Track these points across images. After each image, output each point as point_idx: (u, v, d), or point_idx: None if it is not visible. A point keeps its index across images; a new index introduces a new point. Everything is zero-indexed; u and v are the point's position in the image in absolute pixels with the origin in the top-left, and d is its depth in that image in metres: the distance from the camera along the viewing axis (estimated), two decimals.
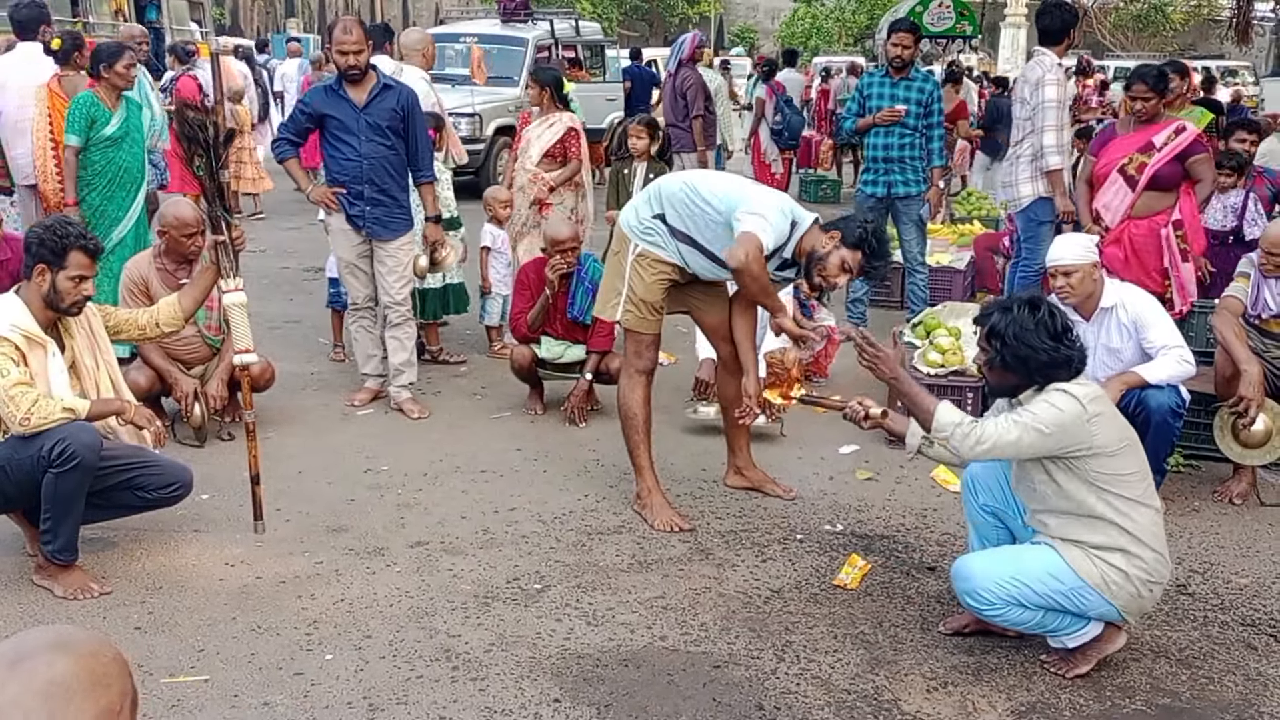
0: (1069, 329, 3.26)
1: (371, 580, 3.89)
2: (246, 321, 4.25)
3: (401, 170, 5.63)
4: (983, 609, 3.28)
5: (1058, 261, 4.39)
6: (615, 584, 3.89)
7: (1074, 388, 3.19)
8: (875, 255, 4.19)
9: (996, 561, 3.31)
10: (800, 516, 4.50)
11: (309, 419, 5.63)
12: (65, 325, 3.92)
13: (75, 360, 3.92)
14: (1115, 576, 3.18)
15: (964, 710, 3.14)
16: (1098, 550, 3.19)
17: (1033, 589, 3.21)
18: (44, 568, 3.78)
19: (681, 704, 3.15)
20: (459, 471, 4.96)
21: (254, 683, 3.23)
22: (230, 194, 4.20)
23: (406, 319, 5.75)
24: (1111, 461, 3.17)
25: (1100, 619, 3.27)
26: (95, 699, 1.32)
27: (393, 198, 5.59)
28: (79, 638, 1.38)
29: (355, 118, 5.47)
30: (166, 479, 3.91)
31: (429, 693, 3.19)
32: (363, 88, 5.48)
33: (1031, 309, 3.23)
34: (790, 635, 3.55)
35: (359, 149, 5.49)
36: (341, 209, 5.55)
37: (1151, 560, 3.21)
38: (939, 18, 15.88)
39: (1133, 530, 3.18)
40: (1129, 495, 3.19)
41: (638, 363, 4.48)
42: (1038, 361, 3.20)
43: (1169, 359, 4.32)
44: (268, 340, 6.49)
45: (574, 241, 5.65)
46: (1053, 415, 3.14)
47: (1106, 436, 3.17)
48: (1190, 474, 5.01)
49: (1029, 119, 6.36)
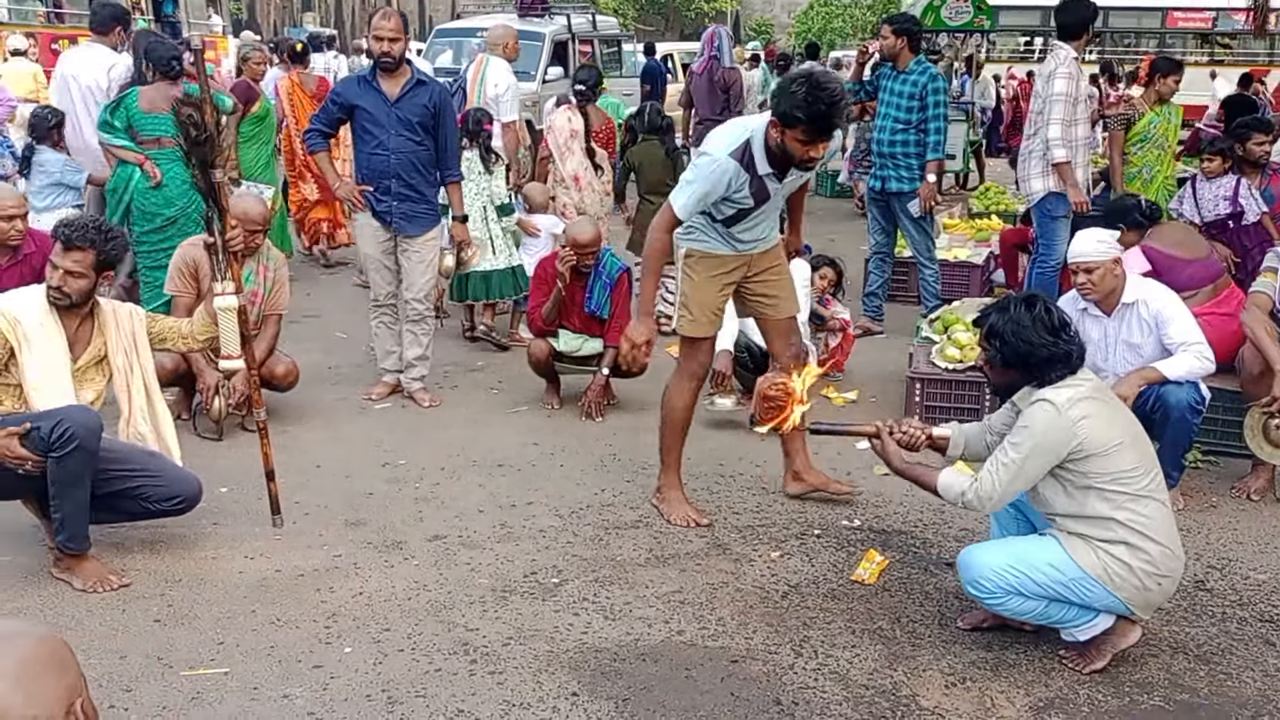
0: (1066, 324, 3.28)
1: (390, 574, 3.91)
2: (235, 326, 4.15)
3: (429, 167, 5.60)
4: (984, 598, 3.30)
5: (1079, 258, 4.38)
6: (633, 578, 3.90)
7: (1054, 394, 3.20)
8: (815, 115, 3.74)
9: (998, 551, 3.34)
10: (818, 512, 4.50)
11: (327, 413, 5.66)
12: (100, 323, 3.97)
13: (105, 357, 3.97)
14: (1118, 568, 3.18)
15: (983, 706, 3.14)
16: (1101, 543, 3.20)
17: (1033, 578, 3.21)
18: (61, 560, 3.81)
19: (699, 699, 3.16)
20: (476, 466, 4.98)
21: (273, 675, 3.25)
22: (225, 194, 4.08)
23: (425, 315, 5.77)
24: (1106, 460, 3.17)
25: (1106, 611, 3.26)
26: (60, 677, 1.38)
27: (420, 193, 5.58)
28: (24, 625, 1.44)
29: (386, 111, 5.45)
30: (171, 491, 3.90)
31: (447, 686, 3.21)
32: (396, 81, 5.47)
33: (1028, 306, 3.27)
34: (808, 630, 3.55)
35: (387, 143, 5.47)
36: (369, 205, 5.56)
37: (1158, 554, 3.19)
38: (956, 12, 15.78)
39: (1136, 524, 3.18)
40: (1131, 490, 3.19)
41: (689, 365, 4.41)
42: (1037, 357, 3.23)
43: (1188, 355, 4.30)
44: (285, 334, 6.50)
45: (595, 245, 5.66)
46: (1030, 439, 3.18)
47: (1096, 436, 3.16)
48: (1208, 470, 4.99)
49: (1040, 112, 6.35)
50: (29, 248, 4.92)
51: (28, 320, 3.80)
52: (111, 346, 3.99)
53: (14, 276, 4.68)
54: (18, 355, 3.77)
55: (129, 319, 4.07)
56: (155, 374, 4.17)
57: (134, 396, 4.03)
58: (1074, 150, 6.32)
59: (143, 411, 4.05)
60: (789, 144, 3.86)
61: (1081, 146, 6.41)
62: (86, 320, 3.97)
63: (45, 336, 3.81)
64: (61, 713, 1.36)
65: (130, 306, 4.21)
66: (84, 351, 3.93)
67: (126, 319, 4.06)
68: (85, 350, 3.94)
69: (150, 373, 4.10)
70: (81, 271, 3.83)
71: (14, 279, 4.59)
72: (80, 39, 8.08)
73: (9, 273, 4.78)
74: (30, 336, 3.78)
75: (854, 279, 7.19)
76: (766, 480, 4.82)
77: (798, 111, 3.75)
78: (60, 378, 3.82)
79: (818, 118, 3.74)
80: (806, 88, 3.73)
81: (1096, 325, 4.51)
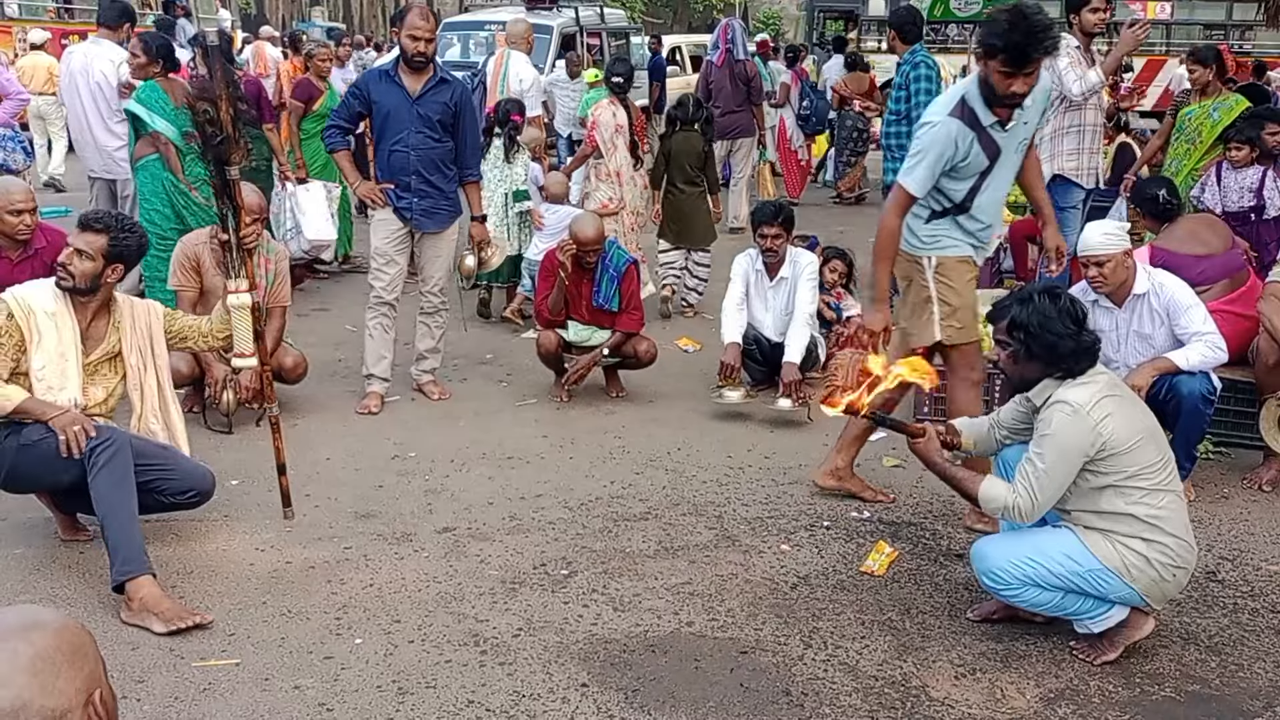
0: (1086, 315, 3.26)
1: (400, 565, 3.92)
2: (249, 324, 4.15)
3: (448, 163, 5.57)
4: (999, 589, 3.28)
5: (1089, 251, 4.35)
6: (642, 570, 3.90)
7: (1072, 394, 3.16)
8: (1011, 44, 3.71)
9: (1014, 542, 3.33)
10: (827, 503, 4.49)
11: (336, 405, 5.67)
12: (116, 320, 3.98)
13: (119, 353, 3.98)
14: (1135, 560, 3.17)
15: (992, 697, 3.14)
16: (1119, 536, 3.18)
17: (1049, 569, 3.21)
18: (130, 601, 3.49)
19: (709, 689, 3.16)
20: (485, 458, 4.98)
21: (285, 666, 3.26)
22: (239, 192, 4.06)
23: (440, 308, 5.76)
24: (1127, 457, 3.15)
25: (1122, 603, 3.25)
26: (79, 668, 1.37)
27: (439, 189, 5.56)
28: (44, 614, 1.42)
29: (407, 107, 5.42)
30: (184, 485, 3.89)
31: (457, 677, 3.22)
32: (419, 78, 5.44)
33: (1052, 298, 3.23)
34: (817, 622, 3.55)
35: (406, 140, 5.44)
36: (389, 202, 5.53)
37: (1174, 545, 3.19)
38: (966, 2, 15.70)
39: (1152, 519, 3.17)
40: (1147, 485, 3.17)
41: (972, 375, 4.25)
42: (1065, 349, 3.19)
43: (1201, 344, 4.28)
44: (296, 328, 6.53)
45: (597, 244, 5.65)
46: (1054, 446, 3.14)
47: (1119, 434, 3.14)
48: (1220, 461, 4.97)
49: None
50: (40, 243, 4.94)
51: (40, 311, 3.81)
52: (126, 345, 3.98)
53: (25, 271, 4.69)
54: (29, 346, 3.78)
55: (146, 315, 4.07)
56: (170, 373, 4.17)
57: (147, 395, 4.03)
58: (1081, 136, 6.25)
59: (155, 410, 4.05)
60: (993, 78, 3.84)
61: (1090, 132, 6.33)
62: (102, 315, 3.96)
63: (55, 327, 3.82)
64: (80, 704, 1.35)
65: (149, 303, 4.21)
66: (97, 347, 3.94)
67: (144, 315, 4.06)
68: (99, 346, 3.94)
69: (165, 371, 4.10)
70: (90, 253, 3.82)
71: (25, 273, 4.60)
72: (89, 34, 8.15)
73: (20, 267, 4.79)
74: (41, 327, 3.79)
75: (865, 272, 7.16)
76: (775, 472, 4.82)
77: (995, 39, 3.77)
78: (69, 370, 3.82)
79: (1013, 47, 3.73)
80: (1009, 16, 3.75)
81: (1108, 316, 4.49)
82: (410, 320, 5.87)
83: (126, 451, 3.65)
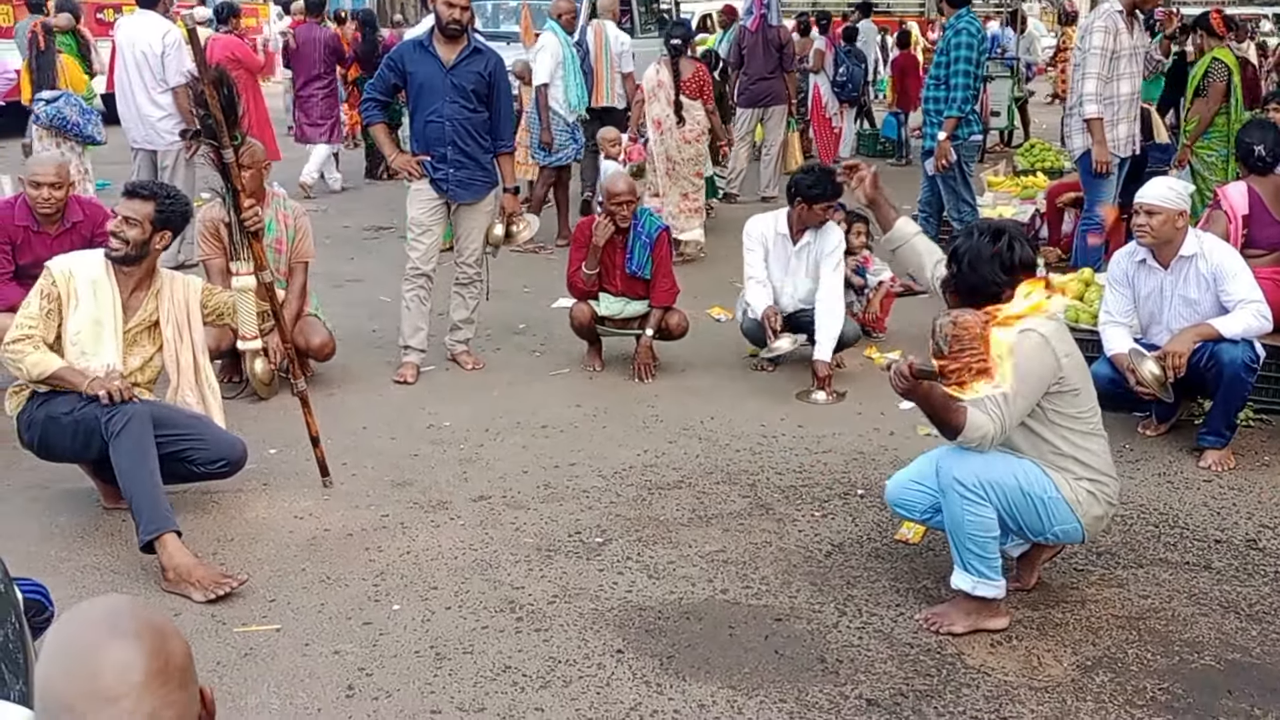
0: (1028, 266, 3.11)
1: (436, 533, 3.95)
2: (253, 307, 4.15)
3: (483, 133, 5.56)
4: (960, 494, 3.11)
5: (1146, 199, 4.35)
6: (676, 538, 3.91)
7: (1044, 325, 3.07)
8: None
9: (985, 460, 3.15)
10: (861, 472, 4.48)
11: (371, 376, 5.70)
12: (155, 290, 4.02)
13: (158, 324, 4.02)
14: (1084, 497, 3.22)
15: (1029, 665, 3.13)
16: (1069, 474, 3.22)
17: (1019, 487, 3.14)
18: (167, 571, 3.53)
19: (743, 656, 3.17)
20: (520, 427, 5.00)
21: (324, 632, 3.30)
22: (238, 176, 4.06)
23: (475, 279, 5.77)
24: (1075, 399, 3.17)
25: (1060, 537, 3.28)
26: (186, 669, 1.42)
27: (475, 160, 5.55)
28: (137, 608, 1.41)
29: (441, 77, 5.42)
30: (215, 454, 3.90)
31: (494, 643, 3.24)
32: (453, 47, 5.43)
33: (993, 238, 3.13)
34: (852, 589, 3.55)
35: (441, 110, 5.44)
36: (426, 174, 5.53)
37: (1110, 484, 3.29)
38: None
39: (1090, 461, 3.23)
40: (1083, 429, 3.23)
41: None
42: (986, 294, 3.05)
43: (1246, 312, 4.23)
44: (331, 299, 6.57)
45: (629, 195, 5.62)
46: (1024, 373, 2.96)
47: (1073, 375, 3.16)
48: (1261, 428, 4.90)
49: (1079, 66, 6.24)
50: (77, 216, 4.99)
51: (81, 277, 3.85)
52: (163, 315, 4.02)
53: (64, 244, 4.75)
54: (65, 311, 3.83)
55: (184, 289, 4.11)
56: (206, 347, 4.21)
57: (183, 368, 4.06)
58: (1116, 106, 6.18)
59: (190, 382, 4.09)
60: None
61: (1125, 102, 6.25)
62: (143, 285, 4.00)
63: (94, 294, 3.86)
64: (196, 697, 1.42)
65: (187, 277, 4.25)
66: (134, 316, 3.98)
67: (181, 289, 4.10)
68: (136, 314, 3.99)
69: (201, 345, 4.13)
70: (137, 220, 3.86)
71: (64, 246, 4.66)
72: (125, 9, 8.31)
73: (58, 240, 4.85)
74: (79, 292, 3.83)
75: None
76: (809, 441, 4.81)
77: None
78: (104, 335, 3.86)
79: None
80: None
81: (1153, 277, 4.43)
82: (444, 291, 5.89)
83: (141, 418, 3.69)
